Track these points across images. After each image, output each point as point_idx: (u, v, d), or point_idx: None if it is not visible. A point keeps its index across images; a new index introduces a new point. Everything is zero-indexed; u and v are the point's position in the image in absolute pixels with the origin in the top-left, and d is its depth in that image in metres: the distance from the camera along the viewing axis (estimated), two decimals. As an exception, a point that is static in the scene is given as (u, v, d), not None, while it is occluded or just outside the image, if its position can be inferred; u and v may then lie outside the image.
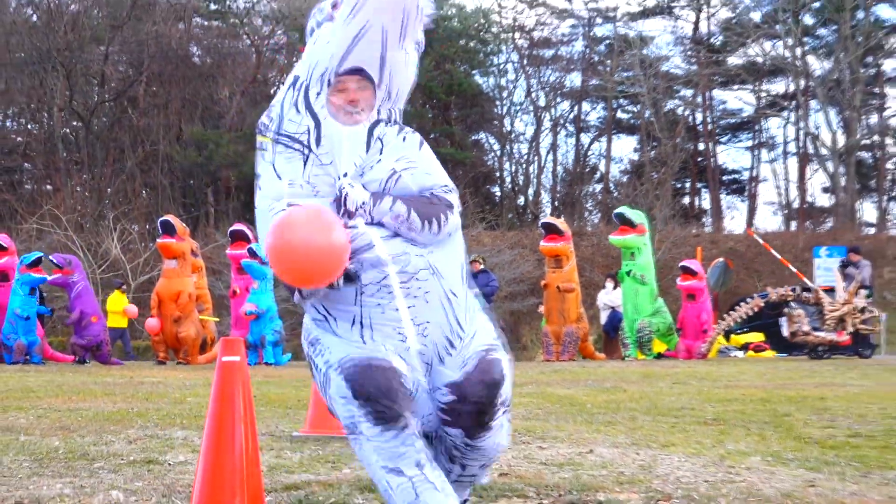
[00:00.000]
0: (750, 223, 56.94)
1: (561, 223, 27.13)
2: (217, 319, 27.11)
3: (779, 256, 33.62)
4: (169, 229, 25.06)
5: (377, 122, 4.77)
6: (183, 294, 24.89)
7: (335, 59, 4.64)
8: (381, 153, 4.73)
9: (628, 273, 26.46)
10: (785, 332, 27.73)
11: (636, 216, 26.92)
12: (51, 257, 26.39)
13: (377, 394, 4.51)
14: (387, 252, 4.58)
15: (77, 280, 25.39)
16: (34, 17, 55.85)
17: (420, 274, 4.66)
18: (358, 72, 4.66)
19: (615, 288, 28.45)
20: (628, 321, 26.62)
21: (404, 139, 4.82)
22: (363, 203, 4.63)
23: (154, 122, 54.47)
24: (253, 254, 24.02)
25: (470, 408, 4.74)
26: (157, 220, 26.47)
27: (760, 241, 38.93)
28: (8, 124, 57.95)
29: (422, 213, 4.64)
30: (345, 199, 4.64)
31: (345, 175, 4.68)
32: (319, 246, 4.27)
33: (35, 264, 24.83)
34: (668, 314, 27.10)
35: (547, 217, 33.76)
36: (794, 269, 32.11)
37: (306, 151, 4.71)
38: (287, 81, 5.00)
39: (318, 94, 4.73)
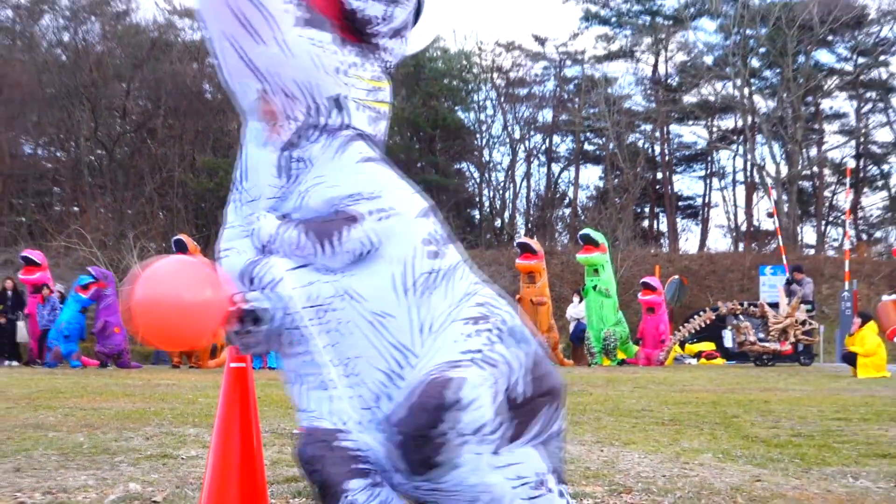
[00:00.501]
0: (703, 244, 57.45)
1: (534, 243, 27.53)
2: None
3: (781, 245, 34.02)
4: (182, 247, 24.96)
5: (293, 143, 3.75)
6: (195, 305, 24.96)
7: (222, 78, 3.81)
8: (306, 174, 3.75)
9: (594, 287, 26.58)
10: (728, 342, 28.00)
11: (599, 237, 27.12)
12: (90, 269, 26.60)
13: (311, 473, 3.59)
14: (291, 286, 3.64)
15: (109, 294, 25.48)
16: (63, 57, 56.14)
17: (333, 303, 3.65)
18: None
19: (580, 302, 28.55)
20: (594, 331, 26.64)
21: (325, 150, 3.76)
22: (270, 236, 3.70)
23: (170, 151, 54.51)
24: (259, 270, 23.76)
25: (405, 439, 3.54)
26: (172, 239, 26.39)
27: (775, 224, 39.35)
28: (39, 152, 57.86)
29: (315, 234, 3.64)
30: (255, 235, 3.74)
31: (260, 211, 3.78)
32: (184, 303, 3.53)
33: (87, 286, 25.29)
34: (626, 325, 27.41)
35: (522, 238, 33.78)
36: (784, 258, 33.49)
37: (235, 193, 3.88)
38: None
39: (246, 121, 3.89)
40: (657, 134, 59.99)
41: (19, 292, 26.69)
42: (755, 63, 56.74)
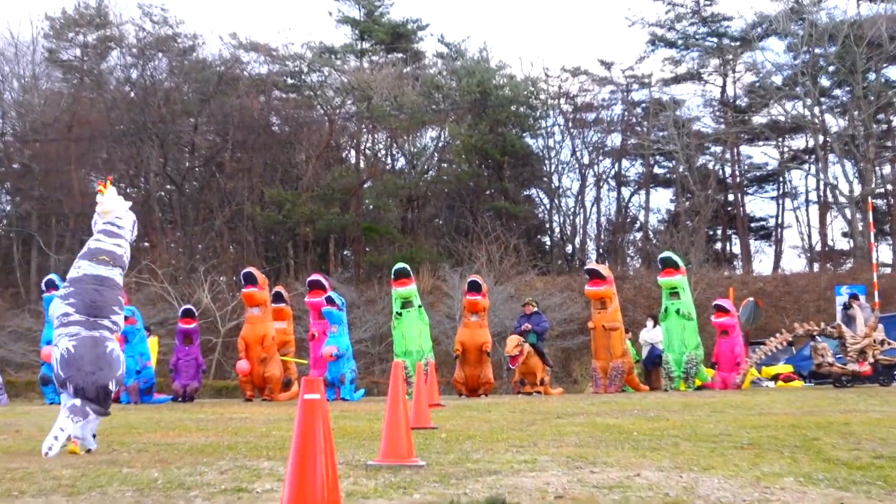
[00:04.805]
0: (777, 265, 57.32)
1: (603, 269, 27.02)
2: (305, 362, 26.41)
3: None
4: (251, 280, 25.07)
5: None
6: (267, 337, 24.57)
7: None
8: None
9: (676, 311, 26.12)
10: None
11: (679, 260, 26.93)
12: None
13: None
14: None
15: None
16: (132, 94, 58.05)
17: None
18: None
19: (654, 326, 28.53)
20: (675, 355, 26.07)
21: None
22: None
23: (239, 185, 56.03)
24: (331, 301, 23.99)
25: None
26: (241, 272, 26.49)
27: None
28: (110, 189, 59.73)
29: None
30: None
31: None
32: None
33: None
34: (703, 349, 27.02)
35: (590, 263, 33.49)
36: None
37: None
38: None
39: None
40: (727, 155, 60.92)
41: None
42: (825, 82, 57.06)
